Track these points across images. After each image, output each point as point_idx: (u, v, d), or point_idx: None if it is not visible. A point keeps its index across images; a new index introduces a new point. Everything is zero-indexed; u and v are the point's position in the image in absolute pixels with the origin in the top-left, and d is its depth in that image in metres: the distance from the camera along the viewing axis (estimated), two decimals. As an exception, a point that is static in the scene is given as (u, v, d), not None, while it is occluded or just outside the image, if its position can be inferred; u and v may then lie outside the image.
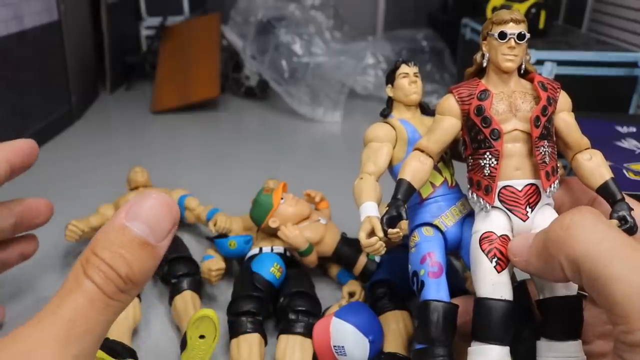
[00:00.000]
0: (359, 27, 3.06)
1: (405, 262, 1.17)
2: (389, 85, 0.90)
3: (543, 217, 0.69)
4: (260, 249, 1.16)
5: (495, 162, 0.69)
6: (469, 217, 0.81)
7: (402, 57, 2.78)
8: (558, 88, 0.73)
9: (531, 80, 0.72)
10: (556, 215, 0.70)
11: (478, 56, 0.75)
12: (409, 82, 0.87)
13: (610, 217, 0.65)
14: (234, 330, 0.97)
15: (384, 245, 0.74)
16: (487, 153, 0.69)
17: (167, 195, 0.41)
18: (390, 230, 0.72)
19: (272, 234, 1.17)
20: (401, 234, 0.73)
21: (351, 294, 1.11)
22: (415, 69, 0.89)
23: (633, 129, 1.51)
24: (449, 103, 0.74)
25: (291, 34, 2.45)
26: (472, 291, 1.10)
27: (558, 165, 0.73)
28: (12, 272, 1.25)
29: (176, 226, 0.40)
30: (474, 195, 0.72)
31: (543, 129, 0.69)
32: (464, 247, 0.78)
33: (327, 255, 1.17)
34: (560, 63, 1.75)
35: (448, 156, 0.86)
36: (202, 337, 0.91)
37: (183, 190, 1.41)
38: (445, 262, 0.77)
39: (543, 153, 0.69)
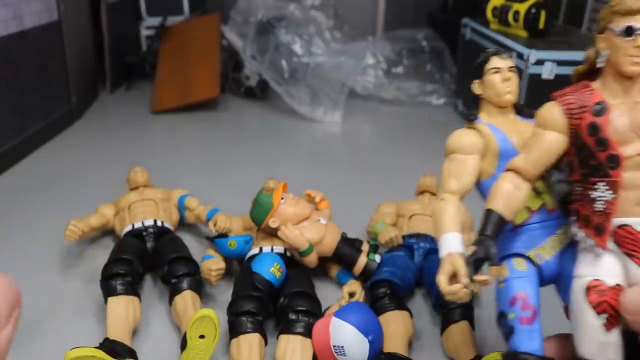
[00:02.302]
0: (359, 27, 3.06)
1: (406, 262, 1.17)
2: (477, 81, 0.76)
3: None
4: (261, 249, 1.16)
5: (611, 196, 0.56)
6: (571, 246, 0.67)
7: (404, 56, 2.81)
8: None
9: None
10: None
11: (591, 53, 0.61)
12: (502, 79, 0.74)
13: None
14: (234, 330, 0.97)
15: (468, 292, 0.62)
16: (601, 183, 0.57)
17: (2, 276, 0.36)
18: (477, 277, 0.60)
19: (272, 234, 1.17)
20: (490, 281, 0.62)
21: (351, 294, 1.11)
22: (509, 62, 0.75)
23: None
24: (553, 115, 0.60)
25: (291, 34, 2.45)
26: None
27: None
28: (12, 272, 1.24)
29: (19, 309, 0.35)
30: (582, 233, 0.60)
31: None
32: (564, 285, 0.65)
33: (327, 255, 1.17)
34: (560, 63, 1.75)
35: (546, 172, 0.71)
36: (202, 337, 0.91)
37: (183, 190, 1.41)
38: (539, 303, 0.65)
39: None
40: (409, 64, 2.73)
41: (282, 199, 1.16)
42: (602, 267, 0.57)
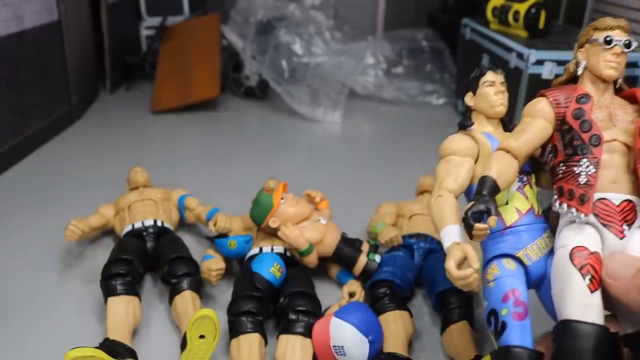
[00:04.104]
0: (359, 27, 3.06)
1: (406, 262, 1.17)
2: (470, 94, 0.81)
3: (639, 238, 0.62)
4: (261, 249, 1.16)
5: (593, 170, 0.62)
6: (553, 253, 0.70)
7: (404, 56, 2.81)
8: None
9: (631, 96, 0.67)
10: None
11: (571, 65, 0.71)
12: (496, 92, 0.79)
13: None
14: (234, 330, 0.97)
15: (478, 278, 0.64)
16: (584, 160, 0.63)
17: None
18: (477, 226, 0.62)
19: (272, 234, 1.17)
20: (488, 231, 0.64)
21: (351, 294, 1.11)
22: (502, 78, 0.81)
23: (633, 129, 1.51)
24: (542, 106, 0.68)
25: (291, 34, 2.45)
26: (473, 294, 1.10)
27: None
28: (12, 272, 1.25)
29: None
30: (564, 206, 0.64)
31: None
32: (546, 286, 0.68)
33: (327, 255, 1.17)
34: (560, 63, 1.75)
35: (533, 180, 0.77)
36: (202, 337, 0.91)
37: (183, 190, 1.41)
38: (529, 303, 0.67)
39: None
40: (409, 64, 2.73)
41: (282, 199, 1.16)
42: (584, 235, 0.62)
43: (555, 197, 0.66)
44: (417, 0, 3.31)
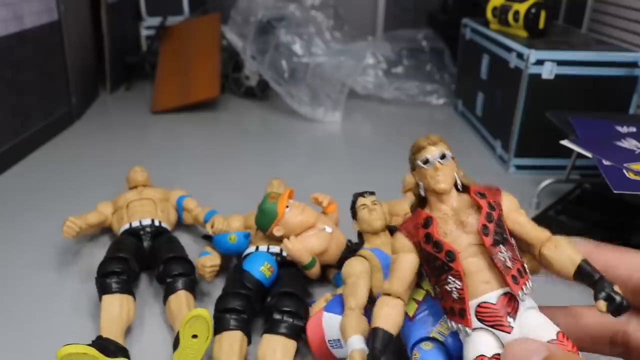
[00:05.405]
0: (359, 27, 3.06)
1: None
2: (354, 221, 1.00)
3: (532, 320, 0.67)
4: (257, 248, 1.15)
5: (459, 283, 0.68)
6: None
7: (404, 56, 2.80)
8: (497, 191, 0.71)
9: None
10: (545, 318, 0.67)
11: (414, 189, 0.77)
12: (369, 212, 0.99)
13: (596, 300, 0.63)
14: (218, 326, 0.98)
15: None
16: (449, 276, 0.68)
17: None
18: None
19: (278, 240, 1.16)
20: None
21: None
22: (372, 198, 1.00)
23: (633, 129, 1.50)
24: (400, 241, 0.73)
25: (291, 34, 2.45)
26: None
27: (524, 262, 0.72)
28: (9, 269, 1.25)
29: None
30: (453, 324, 0.70)
31: (494, 235, 0.68)
32: None
33: (331, 264, 1.16)
34: (560, 63, 1.75)
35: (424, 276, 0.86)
36: (194, 336, 0.91)
37: (182, 191, 1.41)
38: None
39: (503, 259, 0.67)
40: (409, 64, 2.73)
41: (287, 206, 1.15)
42: (479, 344, 0.65)
43: (446, 317, 0.71)
44: (417, 0, 3.30)
